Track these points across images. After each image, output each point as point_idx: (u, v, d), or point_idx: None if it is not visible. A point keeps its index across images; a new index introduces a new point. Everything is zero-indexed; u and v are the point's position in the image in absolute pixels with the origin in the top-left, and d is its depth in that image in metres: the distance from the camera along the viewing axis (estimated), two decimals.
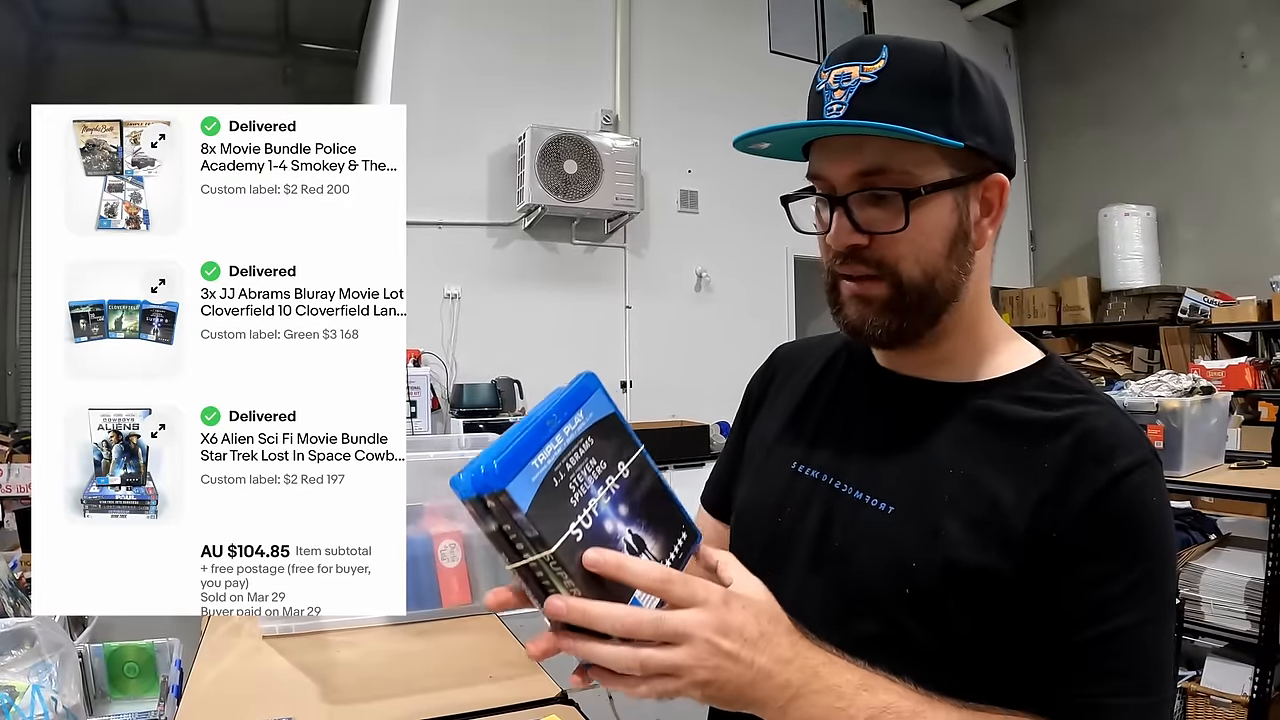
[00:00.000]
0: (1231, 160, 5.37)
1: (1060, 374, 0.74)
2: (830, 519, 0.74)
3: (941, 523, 0.67)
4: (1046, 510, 0.64)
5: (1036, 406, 0.70)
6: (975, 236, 0.72)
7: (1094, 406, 0.70)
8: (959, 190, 0.69)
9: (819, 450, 0.79)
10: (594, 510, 0.55)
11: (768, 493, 0.81)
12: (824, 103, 0.69)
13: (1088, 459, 0.65)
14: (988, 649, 0.66)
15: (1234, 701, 2.44)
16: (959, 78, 0.68)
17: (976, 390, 0.74)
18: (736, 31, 5.44)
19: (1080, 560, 0.63)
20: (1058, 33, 6.66)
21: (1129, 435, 0.67)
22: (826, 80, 0.69)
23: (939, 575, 0.66)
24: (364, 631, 1.28)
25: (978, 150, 0.69)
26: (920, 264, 0.69)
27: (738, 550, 0.81)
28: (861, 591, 0.70)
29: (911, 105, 0.65)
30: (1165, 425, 2.54)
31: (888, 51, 0.67)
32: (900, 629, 0.67)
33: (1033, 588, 0.64)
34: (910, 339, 0.72)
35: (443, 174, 4.54)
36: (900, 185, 0.67)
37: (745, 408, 0.94)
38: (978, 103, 0.69)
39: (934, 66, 0.68)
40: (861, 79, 0.67)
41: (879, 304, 0.71)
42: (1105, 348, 5.67)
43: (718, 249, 5.21)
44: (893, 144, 0.66)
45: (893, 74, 0.67)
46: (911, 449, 0.72)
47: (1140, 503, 0.64)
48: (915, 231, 0.68)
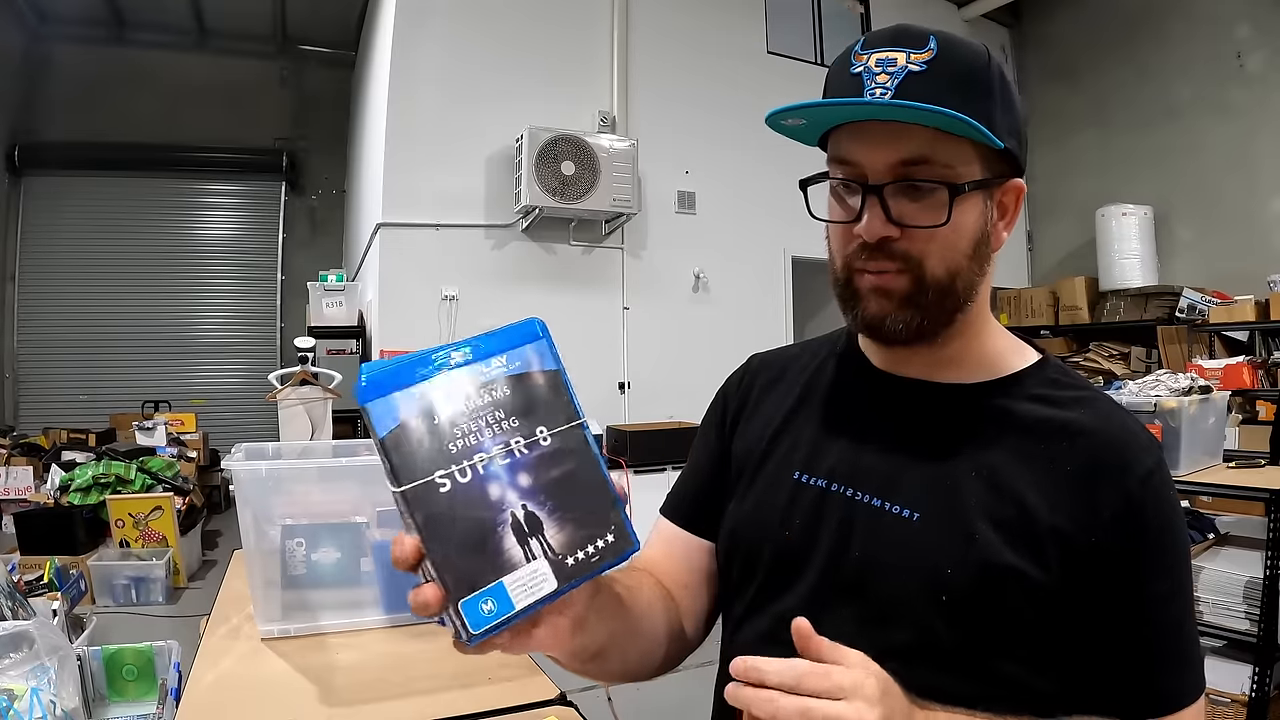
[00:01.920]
0: (1229, 160, 5.38)
1: (1059, 372, 0.75)
2: (848, 529, 0.72)
3: (975, 527, 0.67)
4: (1079, 516, 0.65)
5: (1046, 405, 0.71)
6: (993, 239, 0.71)
7: (1098, 405, 0.71)
8: (987, 192, 0.69)
9: (823, 458, 0.76)
10: (479, 466, 0.49)
11: (769, 505, 0.77)
12: (864, 85, 0.66)
13: (1111, 464, 0.67)
14: (1019, 653, 0.66)
15: (1233, 701, 2.44)
16: (999, 79, 0.68)
17: (986, 391, 0.73)
18: (734, 32, 5.44)
19: (1122, 564, 0.65)
20: (1055, 33, 6.67)
21: (1137, 435, 0.69)
22: (865, 63, 0.66)
23: (975, 580, 0.65)
24: (363, 634, 1.28)
25: (1008, 153, 0.68)
26: (946, 262, 0.68)
27: (737, 566, 0.80)
28: (892, 601, 0.68)
29: (960, 99, 0.63)
30: (1163, 425, 2.54)
31: (936, 43, 0.66)
32: (933, 636, 0.66)
33: (1075, 594, 0.65)
34: (929, 336, 0.71)
35: (440, 176, 4.54)
36: (944, 179, 0.66)
37: (722, 417, 0.88)
38: (1012, 105, 0.69)
39: (979, 64, 0.67)
40: (910, 66, 0.65)
41: (900, 297, 0.69)
42: (1103, 347, 5.68)
43: (715, 250, 5.21)
44: (935, 136, 0.64)
45: (942, 65, 0.65)
46: (929, 453, 0.71)
47: (1165, 503, 0.67)
48: (950, 228, 0.66)
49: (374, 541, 1.30)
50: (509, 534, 0.50)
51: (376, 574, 1.30)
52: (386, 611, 1.31)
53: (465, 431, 0.49)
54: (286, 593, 1.27)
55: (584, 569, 0.51)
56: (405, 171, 4.50)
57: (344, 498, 1.33)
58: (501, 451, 0.50)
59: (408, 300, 4.49)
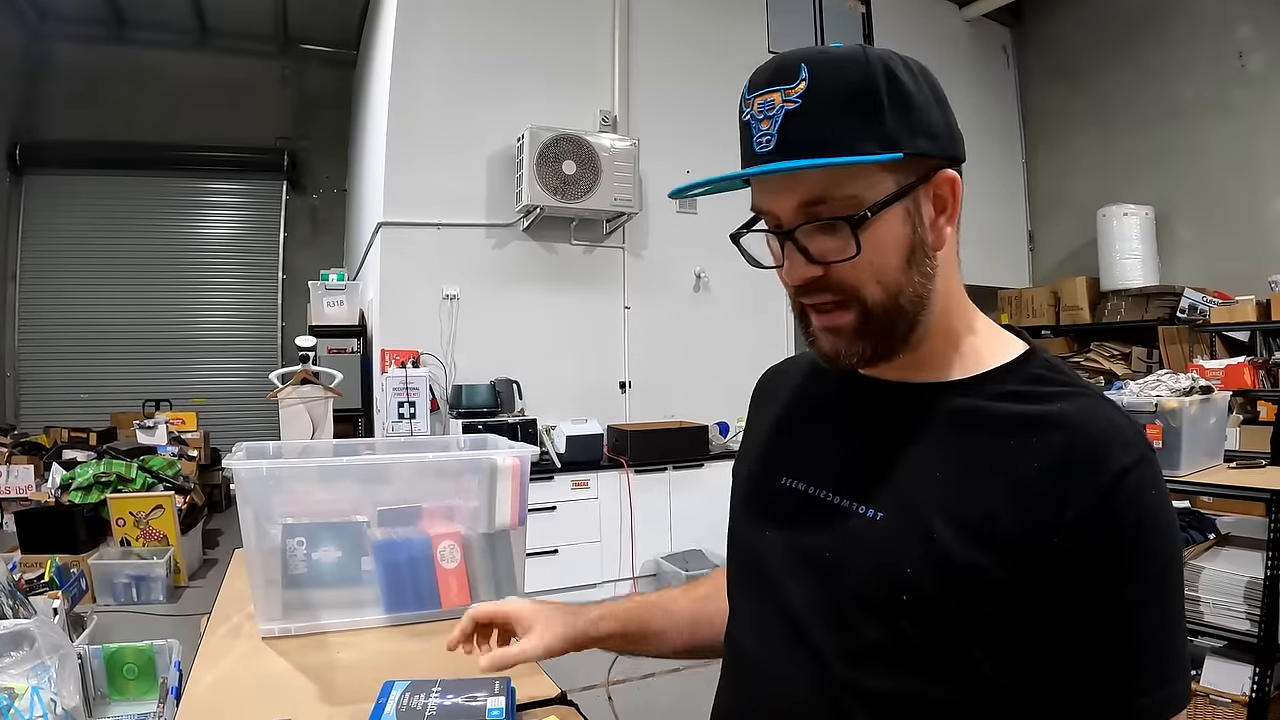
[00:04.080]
0: (1230, 160, 5.37)
1: (1045, 366, 0.72)
2: (820, 530, 0.73)
3: (932, 526, 0.66)
4: (1042, 515, 0.63)
5: (1021, 401, 0.69)
6: (933, 238, 0.70)
7: (1082, 400, 0.68)
8: (908, 199, 0.67)
9: (804, 462, 0.79)
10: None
11: (757, 510, 0.81)
12: (752, 135, 0.67)
13: (1082, 460, 0.63)
14: (988, 656, 0.65)
15: (1233, 701, 2.44)
16: (886, 82, 0.65)
17: (958, 389, 0.72)
18: (735, 32, 5.43)
19: (1086, 567, 0.62)
20: (1056, 33, 6.66)
21: (1121, 430, 0.65)
22: (751, 109, 0.67)
23: (934, 580, 0.65)
24: (363, 632, 1.28)
25: (920, 154, 0.67)
26: (882, 284, 0.68)
27: (733, 569, 0.84)
28: (859, 600, 0.69)
29: (841, 124, 0.63)
30: (1164, 425, 2.54)
31: (807, 70, 0.65)
32: (901, 636, 0.66)
33: (1037, 595, 0.63)
34: (889, 356, 0.72)
35: (441, 175, 4.54)
36: (844, 213, 0.65)
37: (745, 433, 0.95)
38: (910, 105, 0.66)
39: (857, 76, 0.65)
40: (785, 105, 0.65)
41: (849, 332, 0.70)
42: (1104, 347, 5.68)
43: (716, 249, 5.19)
44: (831, 169, 0.64)
45: (816, 94, 0.64)
46: (895, 453, 0.71)
47: (1142, 505, 0.63)
48: (870, 253, 0.66)
49: (374, 541, 1.30)
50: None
51: (377, 573, 1.30)
52: (387, 611, 1.31)
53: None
54: (287, 592, 1.27)
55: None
56: (406, 171, 4.50)
57: (345, 497, 1.33)
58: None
59: (409, 299, 4.49)
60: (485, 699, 0.93)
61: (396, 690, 0.95)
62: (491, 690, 0.95)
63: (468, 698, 0.93)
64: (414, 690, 0.95)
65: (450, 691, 0.94)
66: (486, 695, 0.94)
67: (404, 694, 0.94)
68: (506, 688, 0.95)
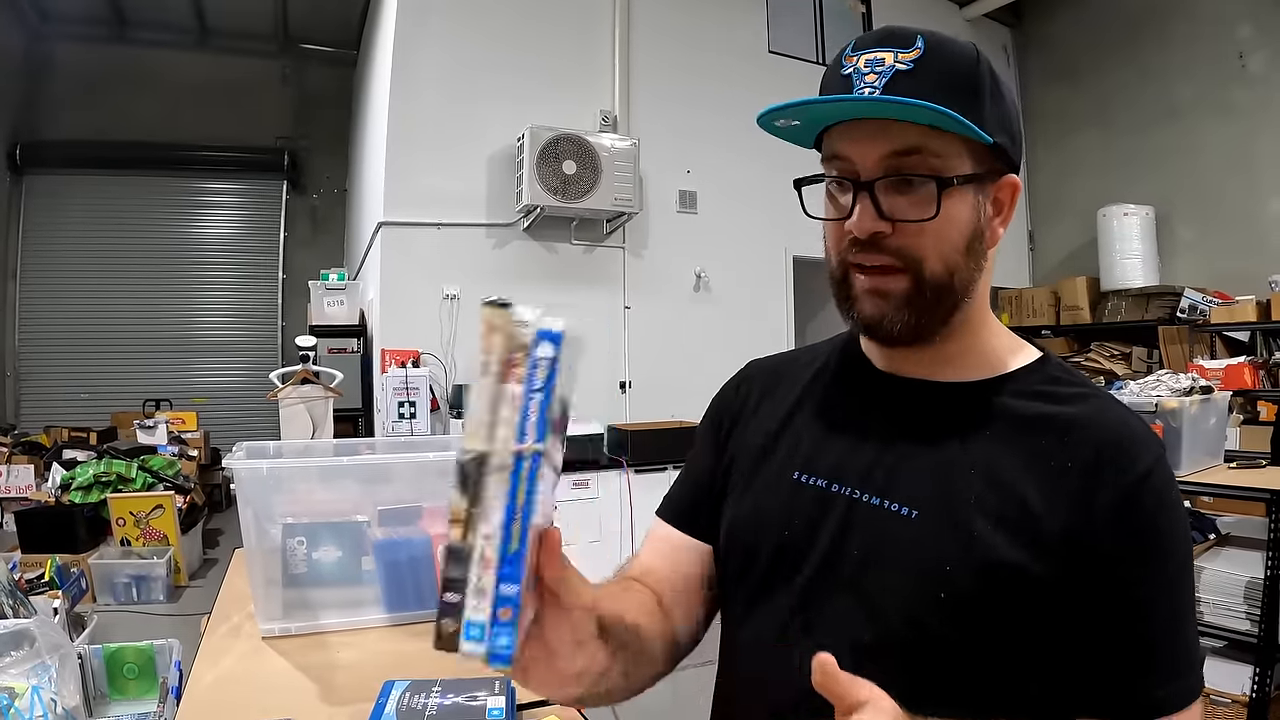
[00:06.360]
0: (1230, 160, 5.37)
1: (1061, 370, 0.75)
2: (847, 528, 0.72)
3: (973, 524, 0.67)
4: (1077, 514, 0.65)
5: (1048, 401, 0.71)
6: (989, 235, 0.72)
7: (1100, 401, 0.71)
8: (979, 187, 0.69)
9: (823, 458, 0.76)
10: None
11: (767, 506, 0.78)
12: (854, 85, 0.67)
13: (1109, 462, 0.66)
14: (1017, 652, 0.66)
15: (1234, 701, 2.44)
16: (989, 77, 0.68)
17: (986, 388, 0.73)
18: (735, 31, 5.43)
19: (1114, 564, 0.64)
20: (1056, 33, 6.66)
21: (1141, 432, 0.69)
22: (855, 64, 0.68)
23: (975, 577, 0.65)
24: (363, 632, 1.28)
25: (999, 149, 0.69)
26: (942, 258, 0.68)
27: (734, 566, 0.80)
28: (891, 599, 0.68)
29: (947, 96, 0.64)
30: (1164, 425, 2.54)
31: (923, 42, 0.67)
32: (931, 634, 0.67)
33: (1070, 591, 0.64)
34: (926, 335, 0.71)
35: (441, 175, 4.54)
36: (934, 171, 0.66)
37: (718, 423, 0.88)
38: (1003, 103, 0.70)
39: (968, 63, 0.68)
40: (897, 65, 0.66)
41: (897, 298, 0.69)
42: (1104, 347, 5.68)
43: (716, 249, 5.21)
44: (924, 131, 0.66)
45: (929, 64, 0.66)
46: (929, 451, 0.71)
47: (1163, 503, 0.66)
48: (942, 222, 0.67)
49: (375, 540, 1.30)
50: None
51: (377, 573, 1.30)
52: (387, 610, 1.31)
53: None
54: (287, 591, 1.27)
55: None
56: (406, 170, 4.50)
57: (345, 496, 1.33)
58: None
59: (409, 299, 4.49)
60: (485, 699, 0.93)
61: (396, 690, 0.95)
62: (491, 690, 0.95)
63: (468, 697, 0.93)
64: (414, 690, 0.95)
65: (450, 691, 0.95)
66: (486, 695, 0.94)
67: (404, 694, 0.94)
68: (506, 688, 0.96)
